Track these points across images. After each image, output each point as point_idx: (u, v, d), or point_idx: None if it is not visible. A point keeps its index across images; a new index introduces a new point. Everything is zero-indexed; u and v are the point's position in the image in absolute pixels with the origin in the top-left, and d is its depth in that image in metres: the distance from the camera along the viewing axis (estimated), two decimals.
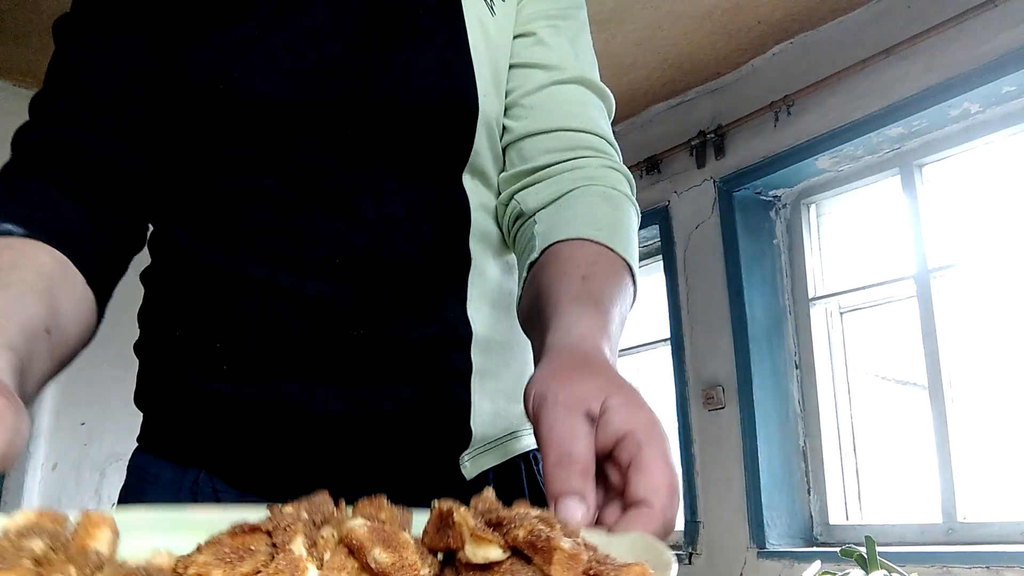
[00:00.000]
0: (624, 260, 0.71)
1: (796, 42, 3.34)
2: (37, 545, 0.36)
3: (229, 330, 0.72)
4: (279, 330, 0.71)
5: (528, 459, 0.82)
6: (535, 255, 0.71)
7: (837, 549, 2.07)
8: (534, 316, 0.68)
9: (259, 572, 0.35)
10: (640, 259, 0.77)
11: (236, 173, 0.74)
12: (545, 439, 0.51)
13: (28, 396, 0.56)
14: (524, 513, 0.40)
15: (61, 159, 0.71)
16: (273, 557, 0.37)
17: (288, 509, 0.42)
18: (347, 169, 0.73)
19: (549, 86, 0.81)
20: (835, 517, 3.20)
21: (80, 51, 0.76)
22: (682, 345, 3.60)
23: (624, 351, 3.88)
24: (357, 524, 0.37)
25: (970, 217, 2.99)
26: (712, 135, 3.59)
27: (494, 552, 0.37)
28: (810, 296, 3.40)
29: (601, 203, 0.76)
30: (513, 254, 0.83)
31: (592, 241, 0.70)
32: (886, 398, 3.28)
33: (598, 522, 0.49)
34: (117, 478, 3.65)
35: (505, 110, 0.82)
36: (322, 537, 0.39)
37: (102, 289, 0.71)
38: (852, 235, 3.39)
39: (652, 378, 3.89)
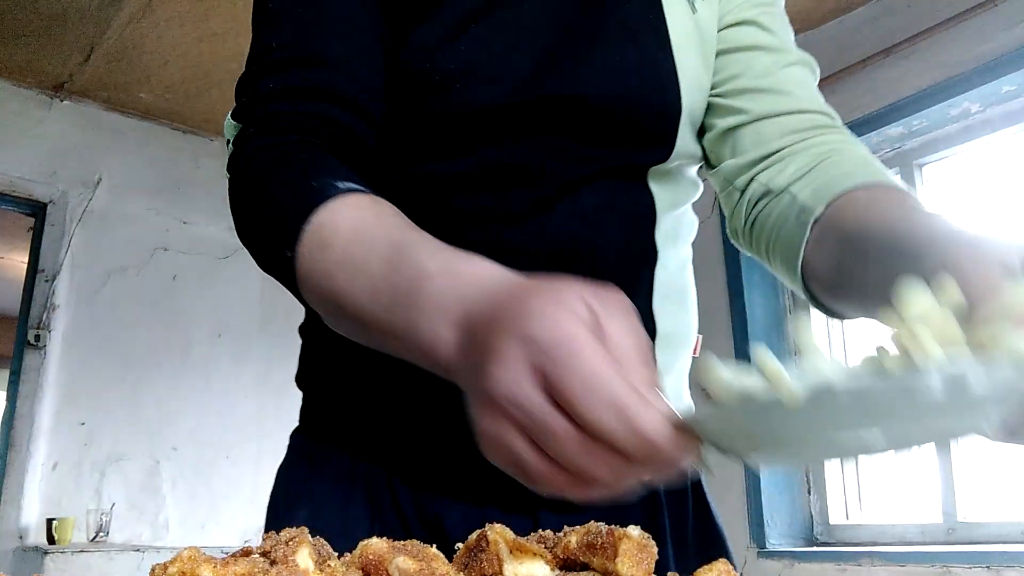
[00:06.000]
0: None
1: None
2: None
3: None
4: None
5: None
6: (820, 209, 0.70)
7: (837, 549, 2.07)
8: (875, 256, 0.63)
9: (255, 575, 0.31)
10: None
11: (437, 157, 0.73)
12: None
13: None
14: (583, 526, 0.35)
15: (317, 133, 0.68)
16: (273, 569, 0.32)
17: (290, 530, 0.37)
18: (545, 163, 0.73)
19: (782, 68, 0.84)
20: (835, 517, 3.20)
21: (304, 6, 0.71)
22: None
23: None
24: (374, 542, 0.34)
25: (970, 216, 2.99)
26: None
27: (538, 568, 0.31)
28: None
29: (871, 159, 0.75)
30: (687, 248, 0.83)
31: (891, 188, 0.68)
32: None
33: None
34: (117, 478, 3.65)
35: (731, 94, 0.82)
36: (333, 558, 0.34)
37: None
38: None
39: None
